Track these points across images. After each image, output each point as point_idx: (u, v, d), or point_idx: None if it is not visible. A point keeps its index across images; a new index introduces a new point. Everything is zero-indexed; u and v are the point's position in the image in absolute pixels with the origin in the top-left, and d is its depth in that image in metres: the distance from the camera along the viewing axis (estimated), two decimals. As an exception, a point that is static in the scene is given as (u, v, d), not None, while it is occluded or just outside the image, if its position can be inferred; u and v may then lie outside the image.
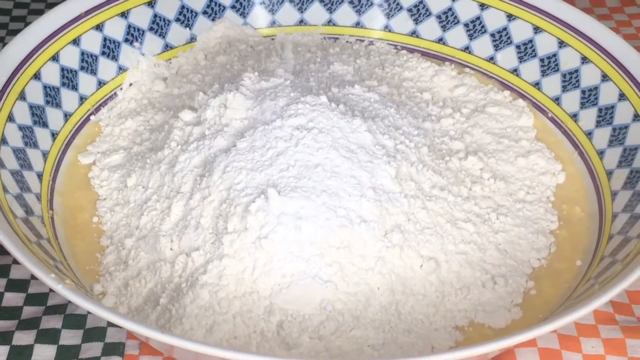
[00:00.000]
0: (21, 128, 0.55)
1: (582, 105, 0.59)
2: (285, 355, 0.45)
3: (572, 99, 0.60)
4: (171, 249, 0.50)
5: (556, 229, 0.54)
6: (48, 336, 0.51)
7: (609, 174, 0.55)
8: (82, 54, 0.60)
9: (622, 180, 0.54)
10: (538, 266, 0.52)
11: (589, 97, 0.59)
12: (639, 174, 0.53)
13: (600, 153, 0.57)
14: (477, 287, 0.49)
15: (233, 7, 0.66)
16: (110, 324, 0.51)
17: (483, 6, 0.64)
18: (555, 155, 0.58)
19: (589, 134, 0.58)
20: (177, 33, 0.65)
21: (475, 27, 0.64)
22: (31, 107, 0.56)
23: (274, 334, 0.46)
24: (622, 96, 0.57)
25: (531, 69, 0.62)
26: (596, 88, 0.58)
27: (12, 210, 0.48)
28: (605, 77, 0.58)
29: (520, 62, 0.63)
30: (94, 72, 0.61)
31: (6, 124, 0.53)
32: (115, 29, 0.62)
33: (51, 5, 0.76)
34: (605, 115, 0.57)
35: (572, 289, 0.50)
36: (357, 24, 0.67)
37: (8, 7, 0.79)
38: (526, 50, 0.62)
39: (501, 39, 0.63)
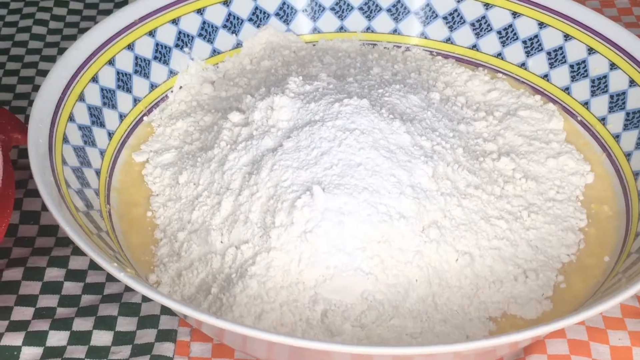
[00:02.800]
0: (81, 128, 0.55)
1: (610, 109, 0.59)
2: (330, 340, 0.46)
3: (600, 103, 0.60)
4: (221, 242, 0.51)
5: (585, 226, 0.54)
6: (105, 323, 0.52)
7: (636, 174, 0.55)
8: (136, 58, 0.61)
9: None
10: (567, 261, 0.52)
11: (617, 101, 0.59)
12: None
13: (628, 155, 0.57)
14: (509, 280, 0.50)
15: (277, 14, 0.67)
16: (163, 312, 0.52)
17: (515, 14, 0.64)
18: (584, 157, 0.58)
19: (616, 137, 0.58)
20: (224, 39, 0.65)
21: (507, 34, 0.64)
22: (89, 108, 0.57)
23: (318, 322, 0.47)
24: None
25: (561, 75, 0.62)
26: (624, 93, 0.58)
27: (74, 204, 0.49)
28: (632, 83, 0.58)
29: (551, 67, 0.63)
30: (146, 75, 0.61)
31: (67, 124, 0.54)
32: (167, 35, 0.63)
33: (120, 5, 0.77)
34: (633, 119, 0.57)
35: (600, 283, 0.50)
36: (395, 31, 0.67)
37: (79, 8, 0.79)
38: (556, 57, 0.62)
39: (532, 45, 0.63)
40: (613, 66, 0.59)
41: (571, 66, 0.62)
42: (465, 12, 0.65)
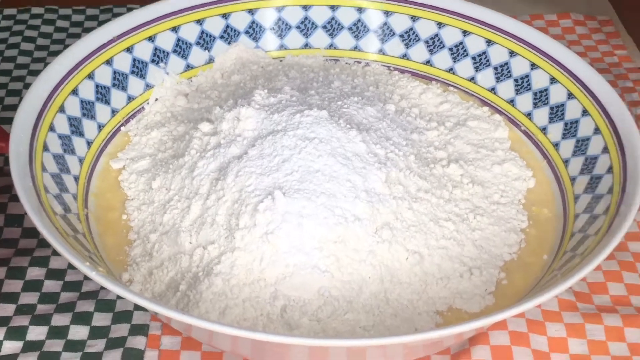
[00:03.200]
0: (61, 137, 0.55)
1: (550, 120, 0.60)
2: (288, 334, 0.46)
3: (541, 115, 0.60)
4: (190, 243, 0.51)
5: (526, 227, 0.55)
6: (82, 318, 0.52)
7: (573, 180, 0.56)
8: (114, 72, 0.61)
9: (584, 186, 0.55)
10: (509, 260, 0.52)
11: (556, 112, 0.59)
12: (597, 180, 0.54)
13: (566, 162, 0.57)
14: (455, 277, 0.50)
15: (247, 32, 0.67)
16: (136, 308, 0.52)
17: (465, 32, 0.64)
18: (527, 164, 0.59)
19: (556, 145, 0.59)
20: (197, 55, 0.65)
21: (458, 51, 0.65)
22: (69, 118, 0.57)
23: (278, 317, 0.47)
24: (584, 112, 0.57)
25: (506, 88, 0.63)
26: (562, 105, 0.59)
27: (52, 208, 0.49)
28: (570, 95, 0.59)
29: (497, 81, 0.63)
30: (124, 88, 0.62)
31: (48, 133, 0.54)
32: (144, 51, 0.63)
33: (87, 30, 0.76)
34: (570, 129, 0.58)
35: (538, 279, 0.51)
36: (355, 48, 0.67)
37: (65, 26, 0.79)
38: (502, 71, 0.63)
39: (480, 61, 0.64)
40: (553, 80, 0.60)
41: (516, 80, 0.62)
42: (419, 31, 0.66)
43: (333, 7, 0.67)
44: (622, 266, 0.56)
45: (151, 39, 0.63)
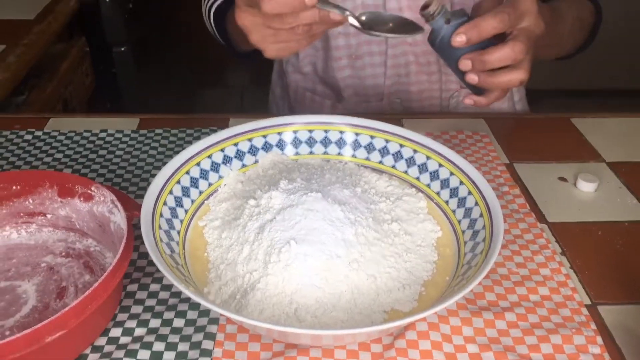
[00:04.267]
0: (170, 208, 0.56)
1: (450, 197, 0.60)
2: (298, 326, 0.47)
3: (445, 194, 0.60)
4: (242, 270, 0.51)
5: (436, 260, 0.55)
6: (181, 314, 0.52)
7: (463, 232, 0.56)
8: (201, 170, 0.61)
9: (469, 236, 0.55)
10: (427, 279, 0.53)
11: (454, 192, 0.59)
12: (476, 233, 0.54)
13: (459, 221, 0.58)
14: (395, 290, 0.51)
15: (277, 145, 0.67)
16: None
17: (401, 145, 0.64)
18: (437, 222, 0.59)
19: (453, 211, 0.59)
20: (248, 159, 0.65)
21: (397, 156, 0.65)
22: (175, 197, 0.58)
23: (292, 314, 0.47)
24: (469, 192, 0.58)
25: (425, 178, 0.63)
26: (457, 188, 0.59)
27: (164, 250, 0.50)
28: (461, 183, 0.59)
29: (420, 174, 0.63)
30: (206, 179, 0.62)
31: (162, 206, 0.55)
32: (217, 157, 0.63)
33: (187, 144, 0.75)
34: (461, 202, 0.58)
35: (443, 291, 0.51)
36: (338, 154, 0.67)
37: (174, 139, 0.78)
38: (423, 168, 0.63)
39: (410, 162, 0.64)
40: (451, 174, 0.60)
41: (430, 173, 0.62)
42: (375, 144, 0.66)
43: (326, 131, 0.67)
44: (494, 282, 0.56)
45: (222, 150, 0.64)
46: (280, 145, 0.67)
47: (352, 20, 0.55)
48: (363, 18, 0.56)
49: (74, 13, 1.34)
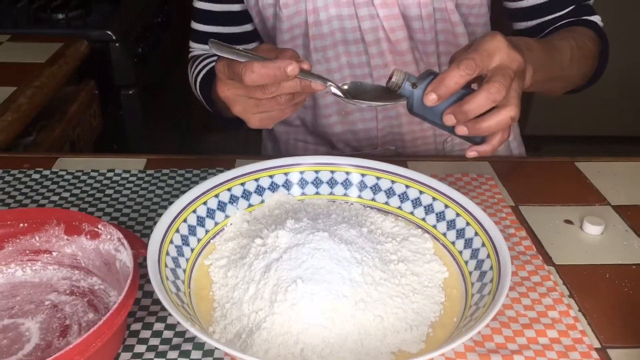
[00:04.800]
0: (176, 247, 0.56)
1: (457, 238, 0.60)
2: (304, 366, 0.46)
3: (451, 235, 0.61)
4: (248, 309, 0.51)
5: (444, 301, 0.54)
6: (185, 354, 0.52)
7: (470, 273, 0.56)
8: (207, 209, 0.62)
9: (476, 277, 0.55)
10: (434, 321, 0.52)
11: (460, 234, 0.60)
12: (484, 274, 0.54)
13: (466, 262, 0.58)
14: (402, 331, 0.50)
15: (283, 185, 0.67)
16: (216, 348, 0.52)
17: (407, 186, 0.65)
18: (443, 263, 0.59)
19: (460, 252, 0.59)
20: (254, 198, 0.66)
21: (403, 197, 0.65)
22: (181, 236, 0.58)
23: (298, 355, 0.47)
24: (475, 234, 0.58)
25: (431, 219, 0.63)
26: (463, 229, 0.60)
27: (170, 288, 0.50)
28: (467, 224, 0.59)
29: (426, 214, 0.63)
30: (213, 218, 0.62)
31: (169, 244, 0.55)
32: (224, 197, 0.64)
33: (193, 184, 0.76)
34: (468, 243, 0.58)
35: (451, 332, 0.51)
36: (344, 194, 0.68)
37: (180, 179, 0.78)
38: (429, 209, 0.63)
39: (416, 203, 0.64)
40: (458, 215, 0.61)
41: (437, 214, 0.63)
42: (381, 185, 0.66)
43: (332, 172, 0.68)
44: (502, 324, 0.56)
45: (229, 189, 0.64)
46: (287, 185, 0.67)
47: (334, 90, 0.56)
48: (345, 87, 0.58)
49: (84, 57, 1.37)
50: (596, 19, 0.82)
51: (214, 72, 0.59)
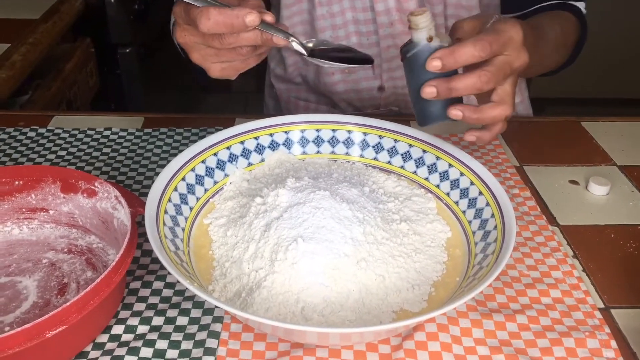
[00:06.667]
0: (174, 205, 0.56)
1: (460, 197, 0.59)
2: (304, 324, 0.46)
3: (455, 194, 0.60)
4: (248, 268, 0.50)
5: (446, 261, 0.54)
6: (184, 312, 0.51)
7: (473, 233, 0.56)
8: (206, 167, 0.61)
9: (480, 236, 0.54)
10: (436, 280, 0.52)
11: (464, 193, 0.59)
12: (487, 233, 0.53)
13: (469, 222, 0.57)
14: (404, 290, 0.50)
15: (284, 144, 0.66)
16: (216, 307, 0.52)
17: (410, 145, 0.64)
18: (447, 222, 0.58)
19: (463, 212, 0.58)
20: (254, 157, 0.65)
21: (406, 156, 0.64)
22: (180, 194, 0.57)
23: (299, 313, 0.47)
24: (480, 193, 0.57)
25: (435, 178, 0.62)
26: (467, 189, 0.59)
27: (169, 247, 0.49)
28: (472, 183, 0.58)
29: (429, 174, 0.62)
30: (212, 176, 0.61)
31: (167, 203, 0.55)
32: (223, 155, 0.63)
33: (192, 142, 0.75)
34: (472, 203, 0.58)
35: (453, 292, 0.50)
36: (346, 154, 0.67)
37: (179, 138, 0.78)
38: (432, 168, 0.62)
39: (419, 162, 0.63)
40: (462, 174, 0.60)
41: (440, 174, 0.62)
42: (384, 144, 0.65)
43: (334, 130, 0.67)
44: (504, 284, 0.55)
45: (228, 147, 0.63)
46: (287, 144, 0.66)
47: (296, 46, 0.52)
48: (310, 45, 0.54)
49: (80, 14, 1.34)
50: (581, 5, 0.80)
51: None
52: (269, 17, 0.50)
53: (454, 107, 0.51)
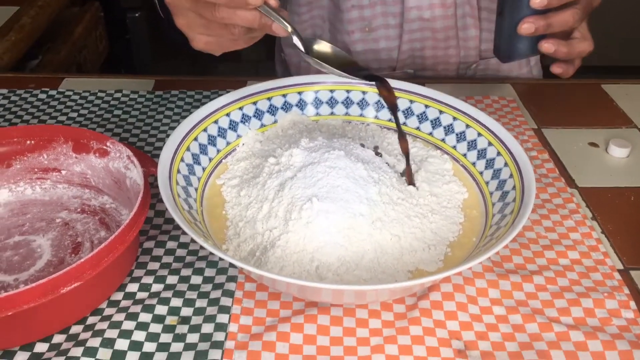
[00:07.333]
0: (187, 165, 0.55)
1: (478, 158, 0.58)
2: (319, 282, 0.46)
3: (472, 155, 0.59)
4: (262, 227, 0.50)
5: (462, 221, 0.54)
6: (198, 271, 0.51)
7: (491, 193, 0.55)
8: (219, 128, 0.60)
9: (498, 197, 0.54)
10: (453, 240, 0.51)
11: (482, 154, 0.58)
12: (506, 194, 0.53)
13: (487, 183, 0.56)
14: (420, 250, 0.50)
15: (297, 105, 0.66)
16: (230, 265, 0.52)
17: (426, 106, 0.63)
18: (463, 184, 0.58)
19: (481, 173, 0.57)
20: (267, 118, 0.64)
21: (422, 117, 0.63)
22: (192, 155, 0.57)
23: (313, 272, 0.46)
24: (498, 153, 0.56)
25: (451, 139, 0.61)
26: (485, 149, 0.58)
27: (182, 206, 0.49)
28: (490, 144, 0.57)
29: (446, 135, 0.62)
30: (224, 137, 0.61)
31: (180, 163, 0.54)
32: (236, 116, 0.62)
33: (203, 103, 0.75)
34: (490, 163, 0.57)
35: (470, 252, 0.50)
36: (361, 115, 0.66)
37: (190, 101, 0.77)
38: (449, 129, 0.61)
39: (436, 123, 0.62)
40: (479, 135, 0.59)
41: (457, 134, 0.61)
42: (399, 104, 0.64)
43: (348, 91, 0.66)
44: (521, 246, 0.55)
45: (240, 108, 0.62)
46: (301, 105, 0.65)
47: (296, 40, 0.49)
48: (315, 47, 0.52)
49: (88, -24, 1.32)
50: None
51: None
52: (273, 2, 0.46)
53: (545, 41, 0.56)
